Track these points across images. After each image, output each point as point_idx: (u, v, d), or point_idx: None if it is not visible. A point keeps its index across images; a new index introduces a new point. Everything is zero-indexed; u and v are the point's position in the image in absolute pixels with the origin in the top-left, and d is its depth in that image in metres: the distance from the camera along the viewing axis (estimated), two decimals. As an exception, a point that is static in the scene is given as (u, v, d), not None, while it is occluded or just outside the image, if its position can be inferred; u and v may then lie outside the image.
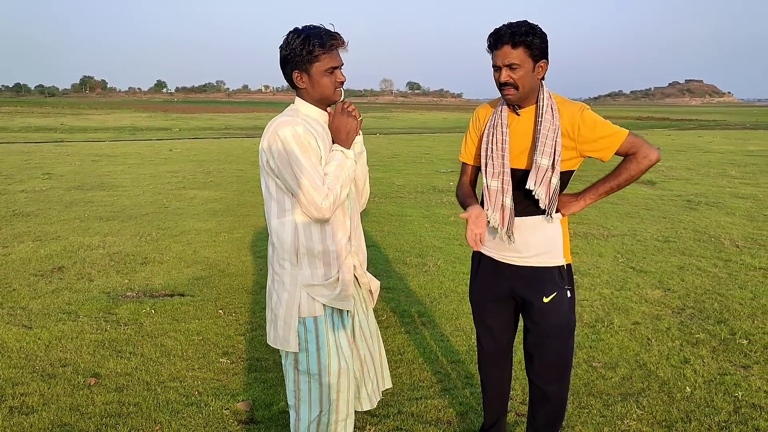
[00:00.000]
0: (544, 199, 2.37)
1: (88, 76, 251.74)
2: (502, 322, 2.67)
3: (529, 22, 2.31)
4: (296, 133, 2.10)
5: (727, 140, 25.11)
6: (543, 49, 2.31)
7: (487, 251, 2.57)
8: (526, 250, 2.46)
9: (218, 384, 3.52)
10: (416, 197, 10.19)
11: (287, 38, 2.18)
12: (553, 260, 2.46)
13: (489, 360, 2.75)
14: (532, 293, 2.48)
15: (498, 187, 2.44)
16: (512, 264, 2.50)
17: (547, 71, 2.37)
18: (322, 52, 2.15)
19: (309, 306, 2.19)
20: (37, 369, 3.66)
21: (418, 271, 5.81)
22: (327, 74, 2.18)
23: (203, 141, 23.85)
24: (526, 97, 2.37)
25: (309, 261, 2.19)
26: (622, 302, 4.92)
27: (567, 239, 2.51)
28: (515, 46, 2.27)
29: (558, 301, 2.46)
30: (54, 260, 6.06)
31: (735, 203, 9.62)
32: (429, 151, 19.56)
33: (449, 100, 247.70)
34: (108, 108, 64.83)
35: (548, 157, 2.33)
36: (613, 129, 2.35)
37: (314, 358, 2.20)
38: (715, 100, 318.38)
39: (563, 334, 2.50)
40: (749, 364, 3.80)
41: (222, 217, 8.36)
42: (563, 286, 2.47)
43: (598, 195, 2.47)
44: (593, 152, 2.38)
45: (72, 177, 12.20)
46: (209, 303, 4.85)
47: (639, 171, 2.37)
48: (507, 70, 2.31)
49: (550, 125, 2.33)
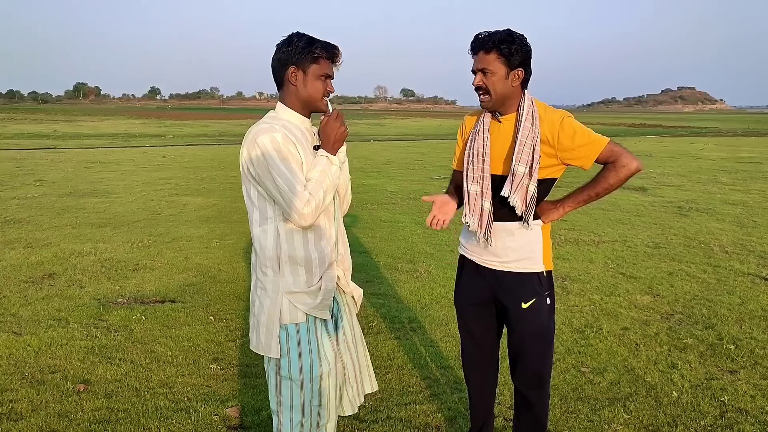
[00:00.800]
0: (521, 206, 2.39)
1: (81, 83, 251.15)
2: (484, 326, 2.68)
3: (511, 31, 2.33)
4: (275, 140, 2.10)
5: (719, 147, 25.27)
6: (520, 58, 2.32)
7: (469, 255, 2.61)
8: (506, 255, 2.47)
9: (208, 390, 3.52)
10: (409, 204, 10.22)
11: (290, 37, 2.21)
12: (533, 266, 2.47)
13: (471, 364, 2.76)
14: (511, 299, 2.49)
15: (477, 191, 2.46)
16: (492, 269, 2.52)
17: (525, 80, 2.38)
18: (324, 56, 2.19)
19: (291, 313, 2.20)
20: (27, 375, 3.66)
21: (410, 277, 5.83)
22: (321, 79, 2.21)
23: (196, 148, 23.84)
24: (502, 104, 2.39)
25: (291, 268, 2.20)
26: (611, 308, 4.95)
27: (548, 246, 2.52)
28: (488, 51, 2.31)
29: (536, 308, 2.46)
30: (45, 267, 6.05)
31: (725, 209, 9.69)
32: (422, 157, 19.61)
33: (443, 107, 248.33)
34: (101, 115, 64.69)
35: (525, 165, 2.34)
36: (592, 137, 2.36)
37: (296, 364, 2.20)
38: (708, 107, 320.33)
39: (541, 340, 2.51)
40: (736, 369, 3.83)
41: (214, 223, 8.37)
42: (542, 292, 2.48)
43: (578, 203, 2.48)
44: (573, 160, 2.39)
45: (64, 184, 12.18)
46: (200, 309, 4.86)
47: (618, 180, 2.37)
48: (480, 75, 2.35)
49: (528, 132, 2.34)
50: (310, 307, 2.21)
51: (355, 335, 2.43)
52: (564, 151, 2.37)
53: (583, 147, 2.35)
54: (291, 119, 2.24)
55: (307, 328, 2.22)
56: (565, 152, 2.37)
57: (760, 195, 11.27)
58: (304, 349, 2.21)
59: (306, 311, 2.20)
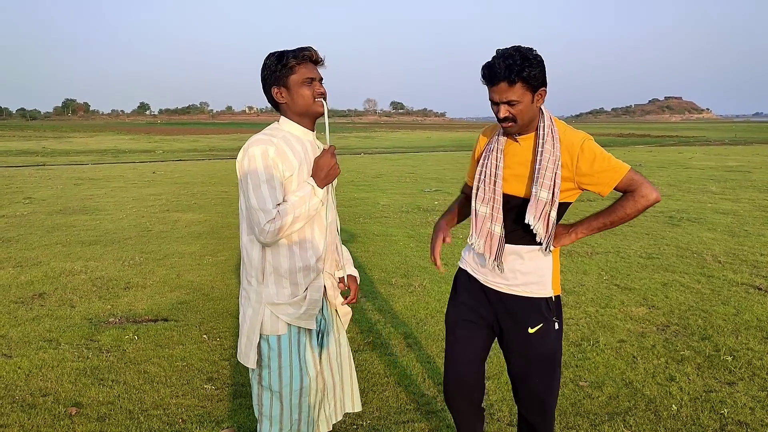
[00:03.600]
0: (543, 233, 2.29)
1: (70, 99, 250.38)
2: (477, 345, 2.53)
3: (522, 50, 2.18)
4: (265, 153, 2.11)
5: (707, 156, 25.45)
6: (541, 78, 2.21)
7: (473, 272, 2.51)
8: (514, 278, 2.38)
9: (202, 411, 3.47)
10: (401, 217, 10.19)
11: (264, 61, 2.23)
12: (542, 291, 2.38)
13: (457, 388, 2.57)
14: (517, 323, 2.39)
15: (487, 213, 2.37)
16: (498, 290, 2.42)
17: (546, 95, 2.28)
18: (296, 62, 2.18)
19: (272, 324, 2.20)
20: (17, 399, 3.59)
21: (404, 291, 5.79)
22: (305, 84, 2.20)
23: (187, 163, 23.76)
24: (527, 126, 2.30)
25: (275, 279, 2.20)
26: (607, 320, 4.94)
27: (557, 270, 2.43)
28: (512, 83, 2.17)
29: (544, 333, 2.37)
30: (35, 286, 5.97)
31: (716, 219, 9.73)
32: (413, 170, 19.62)
33: (433, 119, 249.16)
34: (91, 131, 64.42)
35: (548, 190, 2.24)
36: (613, 164, 2.25)
37: (276, 375, 2.21)
38: (695, 116, 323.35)
39: (548, 366, 2.40)
40: (734, 381, 3.82)
41: (206, 239, 8.31)
42: (551, 317, 2.39)
43: (591, 230, 2.37)
44: (591, 186, 2.29)
45: (54, 201, 12.08)
46: (193, 328, 4.80)
47: (635, 210, 2.27)
48: (506, 107, 2.22)
49: (550, 156, 2.24)
50: (294, 317, 2.21)
51: (341, 352, 2.42)
52: (582, 176, 2.27)
53: (602, 173, 2.24)
54: (293, 131, 2.25)
55: (289, 340, 2.21)
56: (583, 177, 2.27)
57: (750, 204, 11.34)
58: (285, 361, 2.21)
59: (289, 321, 2.20)
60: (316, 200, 2.17)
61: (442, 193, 13.40)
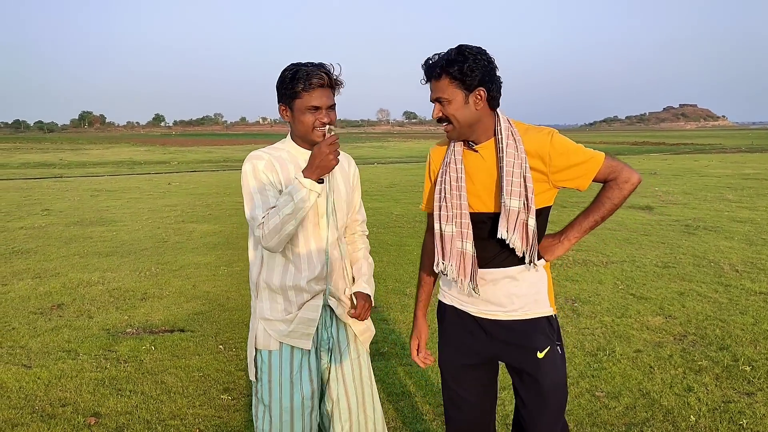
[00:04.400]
0: (521, 246, 2.05)
1: (86, 112, 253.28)
2: (483, 392, 2.26)
3: (461, 48, 2.02)
4: (255, 167, 2.16)
5: (724, 164, 25.25)
6: (478, 77, 2.00)
7: (461, 305, 2.20)
8: (511, 303, 2.12)
9: (219, 421, 3.49)
10: (414, 227, 10.20)
11: (283, 70, 2.19)
12: (541, 309, 2.14)
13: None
14: (524, 350, 2.13)
15: (454, 231, 2.12)
16: (494, 319, 2.15)
17: (491, 98, 2.05)
18: (304, 89, 2.11)
19: (264, 339, 2.23)
20: (37, 409, 3.63)
21: (419, 301, 5.78)
22: (309, 112, 2.14)
23: (202, 174, 23.94)
24: (470, 131, 2.09)
25: (269, 295, 2.22)
26: (623, 330, 4.91)
27: (551, 286, 2.19)
28: (438, 78, 2.03)
29: (552, 357, 2.13)
30: (53, 297, 6.04)
31: (733, 227, 9.65)
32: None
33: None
34: (107, 142, 65.16)
35: (518, 198, 2.02)
36: (588, 154, 2.06)
37: (266, 389, 2.23)
38: (710, 123, 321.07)
39: (560, 395, 2.16)
40: (753, 391, 3.78)
41: (221, 250, 8.37)
42: (554, 339, 2.15)
43: (583, 231, 2.16)
44: (568, 182, 2.08)
45: (71, 213, 12.22)
46: (209, 338, 4.84)
47: (622, 197, 2.09)
48: (438, 105, 2.07)
49: (514, 160, 2.02)
50: (283, 335, 2.20)
51: (354, 374, 2.32)
52: (557, 172, 2.06)
53: (578, 166, 2.05)
54: (292, 151, 2.25)
55: (280, 356, 2.22)
56: (558, 173, 2.07)
57: (767, 212, 11.23)
58: (275, 377, 2.21)
59: (278, 339, 2.21)
60: (304, 192, 2.04)
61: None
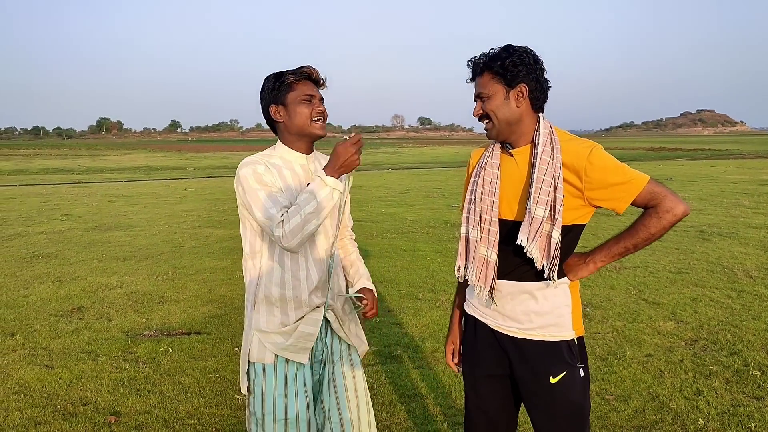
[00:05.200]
0: (540, 257, 1.95)
1: (104, 118, 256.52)
2: (503, 402, 2.19)
3: (508, 45, 2.00)
4: (255, 171, 2.11)
5: (741, 169, 25.06)
6: (522, 73, 1.96)
7: (482, 317, 2.15)
8: (529, 321, 2.03)
9: (236, 421, 3.58)
10: (428, 232, 10.26)
11: (263, 82, 2.22)
12: (561, 333, 2.03)
13: None
14: (536, 373, 2.04)
15: (479, 237, 2.05)
16: (511, 336, 2.07)
17: (535, 99, 2.00)
18: (294, 79, 2.15)
19: (259, 352, 2.16)
20: (59, 408, 3.74)
21: (431, 306, 5.86)
22: (304, 102, 2.14)
23: (217, 180, 24.16)
24: (509, 131, 2.03)
25: (266, 307, 2.17)
26: (634, 334, 4.94)
27: (578, 308, 2.07)
28: (480, 73, 2.02)
29: (567, 382, 2.02)
30: (73, 300, 6.18)
31: (749, 233, 9.61)
32: (441, 185, 19.69)
33: (460, 134, 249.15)
34: (124, 148, 65.90)
35: (544, 206, 1.92)
36: (629, 175, 1.92)
37: (259, 402, 2.16)
38: (728, 129, 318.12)
39: (576, 421, 2.05)
40: (763, 396, 3.81)
41: (237, 255, 8.47)
42: (574, 363, 2.04)
43: (612, 256, 2.02)
44: (604, 202, 1.95)
45: (89, 218, 12.42)
46: (225, 341, 4.93)
47: (661, 228, 1.92)
48: (478, 102, 2.04)
49: (547, 167, 1.93)
50: (280, 348, 2.14)
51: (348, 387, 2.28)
52: (593, 190, 1.94)
53: (616, 186, 1.92)
54: (285, 155, 2.21)
55: (275, 369, 2.16)
56: (594, 192, 1.94)
57: (783, 218, 11.17)
58: (269, 389, 2.15)
59: (275, 351, 2.15)
60: (327, 190, 2.02)
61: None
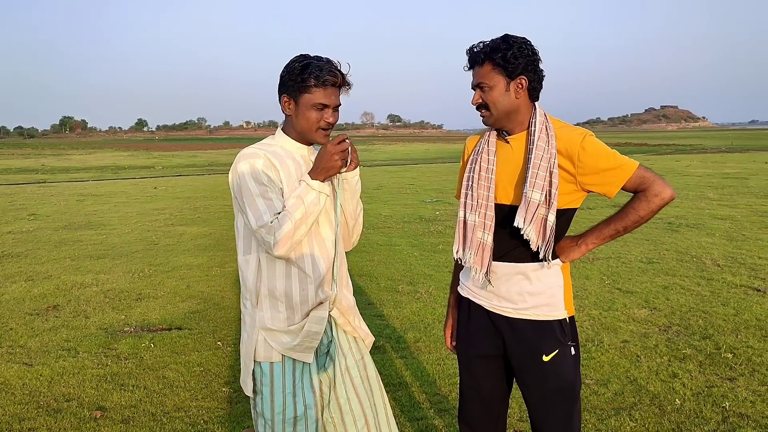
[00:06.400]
0: (536, 239, 2.02)
1: (68, 117, 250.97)
2: (496, 380, 2.27)
3: (507, 36, 2.05)
4: (254, 167, 2.01)
5: (704, 164, 25.66)
6: (521, 65, 2.02)
7: (476, 298, 2.22)
8: (523, 301, 2.11)
9: (223, 412, 3.59)
10: (404, 227, 10.33)
11: (291, 60, 2.07)
12: (553, 313, 2.11)
13: (475, 424, 2.32)
14: (529, 351, 2.12)
15: (477, 222, 2.12)
16: (506, 316, 2.15)
17: (532, 89, 2.07)
18: (315, 84, 2.02)
19: (265, 350, 2.07)
20: (42, 404, 3.71)
21: (411, 298, 5.92)
22: (315, 109, 2.04)
23: (187, 178, 23.93)
24: (507, 119, 2.09)
25: (270, 303, 2.07)
26: (610, 322, 5.07)
27: (569, 289, 2.17)
28: (481, 63, 2.05)
29: (559, 360, 2.10)
30: (48, 299, 6.09)
31: (714, 224, 9.88)
32: (413, 181, 19.79)
33: (430, 131, 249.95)
34: (89, 148, 64.70)
35: (540, 191, 2.00)
36: (619, 161, 2.02)
37: (267, 403, 2.08)
38: (691, 125, 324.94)
39: (568, 397, 2.13)
40: (735, 377, 3.95)
41: (213, 252, 8.44)
42: (566, 341, 2.12)
43: (602, 239, 2.10)
44: (596, 186, 2.04)
45: (58, 217, 12.21)
46: (207, 335, 4.92)
47: (650, 211, 2.03)
48: (478, 91, 2.09)
49: (543, 153, 2.01)
50: (286, 348, 2.06)
51: (362, 376, 2.22)
52: (585, 175, 2.03)
53: (607, 172, 2.01)
54: (285, 146, 2.13)
55: (283, 367, 2.08)
56: (586, 177, 2.03)
57: (747, 209, 11.50)
58: (277, 388, 2.07)
59: (281, 351, 2.06)
60: (314, 195, 1.99)
61: (442, 203, 13.54)
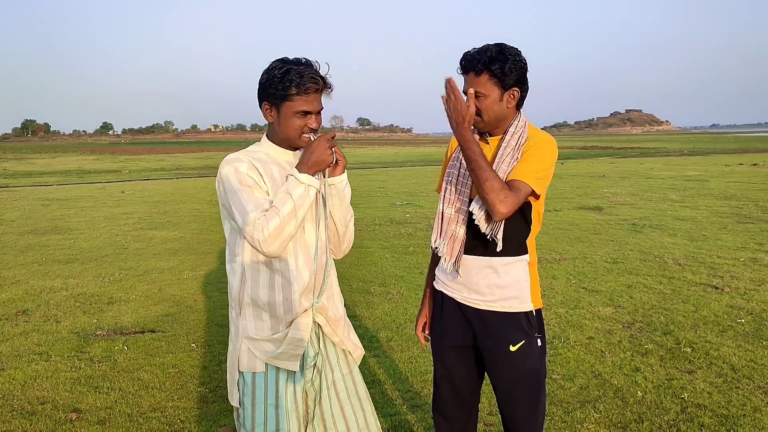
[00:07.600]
0: (484, 225, 2.13)
1: (30, 120, 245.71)
2: (467, 370, 2.40)
3: (502, 47, 2.15)
4: (237, 170, 1.99)
5: (667, 166, 26.27)
6: (515, 77, 2.15)
7: (449, 291, 2.34)
8: (491, 293, 2.24)
9: (199, 412, 3.63)
10: (374, 230, 10.42)
11: (270, 65, 2.04)
12: (521, 305, 2.24)
13: (448, 413, 2.45)
14: (497, 342, 2.24)
15: (452, 214, 2.25)
16: (475, 308, 2.27)
17: (521, 99, 2.22)
18: (297, 93, 1.99)
19: (249, 360, 2.05)
20: (16, 407, 3.71)
21: (383, 299, 6.01)
22: (297, 116, 2.02)
23: (155, 182, 23.66)
24: (494, 126, 2.23)
25: (254, 312, 2.05)
26: (576, 319, 5.23)
27: (536, 283, 2.31)
28: (479, 73, 2.14)
29: (526, 350, 2.23)
30: (17, 304, 6.04)
31: (676, 225, 10.18)
32: (383, 185, 19.88)
33: (399, 134, 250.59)
34: (52, 151, 63.38)
35: None
36: (533, 167, 2.14)
37: (249, 414, 2.06)
38: (654, 128, 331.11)
39: (533, 387, 2.26)
40: (693, 370, 4.13)
41: (184, 255, 8.42)
42: (532, 333, 2.25)
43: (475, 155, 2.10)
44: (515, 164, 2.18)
45: (23, 222, 12.01)
46: (181, 338, 4.95)
47: (487, 190, 2.05)
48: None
49: (512, 151, 2.17)
50: (270, 356, 2.03)
51: (349, 390, 2.20)
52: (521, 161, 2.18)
53: (523, 163, 2.16)
54: (270, 152, 2.11)
55: (265, 378, 2.05)
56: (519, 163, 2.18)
57: (707, 210, 11.85)
58: (259, 400, 2.05)
59: (265, 360, 2.04)
60: (302, 188, 1.96)
61: (413, 206, 13.67)
